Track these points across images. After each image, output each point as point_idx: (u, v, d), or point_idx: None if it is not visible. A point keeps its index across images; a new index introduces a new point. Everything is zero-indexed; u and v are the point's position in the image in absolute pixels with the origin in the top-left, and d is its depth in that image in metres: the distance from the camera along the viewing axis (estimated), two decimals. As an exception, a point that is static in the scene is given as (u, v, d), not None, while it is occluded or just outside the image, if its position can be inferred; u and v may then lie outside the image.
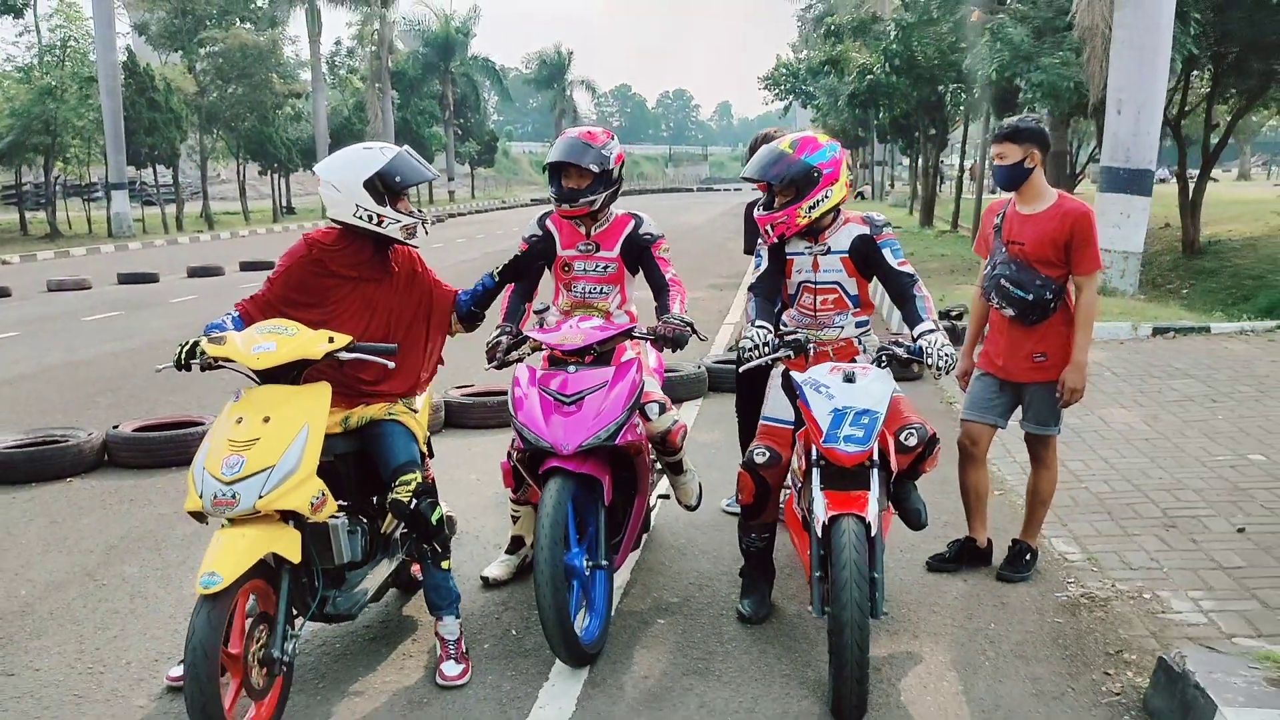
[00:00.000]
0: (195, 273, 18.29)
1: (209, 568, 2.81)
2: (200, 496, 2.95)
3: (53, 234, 28.99)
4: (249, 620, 2.97)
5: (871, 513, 3.17)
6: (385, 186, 3.41)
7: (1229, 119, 19.32)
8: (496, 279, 3.78)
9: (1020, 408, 4.25)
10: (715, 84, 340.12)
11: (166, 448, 5.96)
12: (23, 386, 8.55)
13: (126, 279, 17.40)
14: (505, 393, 6.72)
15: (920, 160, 30.93)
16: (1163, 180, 28.22)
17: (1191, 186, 17.81)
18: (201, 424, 6.23)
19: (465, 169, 60.04)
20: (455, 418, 6.81)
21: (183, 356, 3.26)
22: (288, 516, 3.05)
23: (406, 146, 3.66)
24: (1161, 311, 10.89)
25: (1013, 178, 4.04)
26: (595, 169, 3.88)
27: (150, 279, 17.45)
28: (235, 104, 35.43)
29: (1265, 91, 16.91)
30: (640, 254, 4.10)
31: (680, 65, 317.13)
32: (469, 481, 5.61)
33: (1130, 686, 3.31)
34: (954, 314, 9.23)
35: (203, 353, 3.22)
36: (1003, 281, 4.08)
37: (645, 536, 4.54)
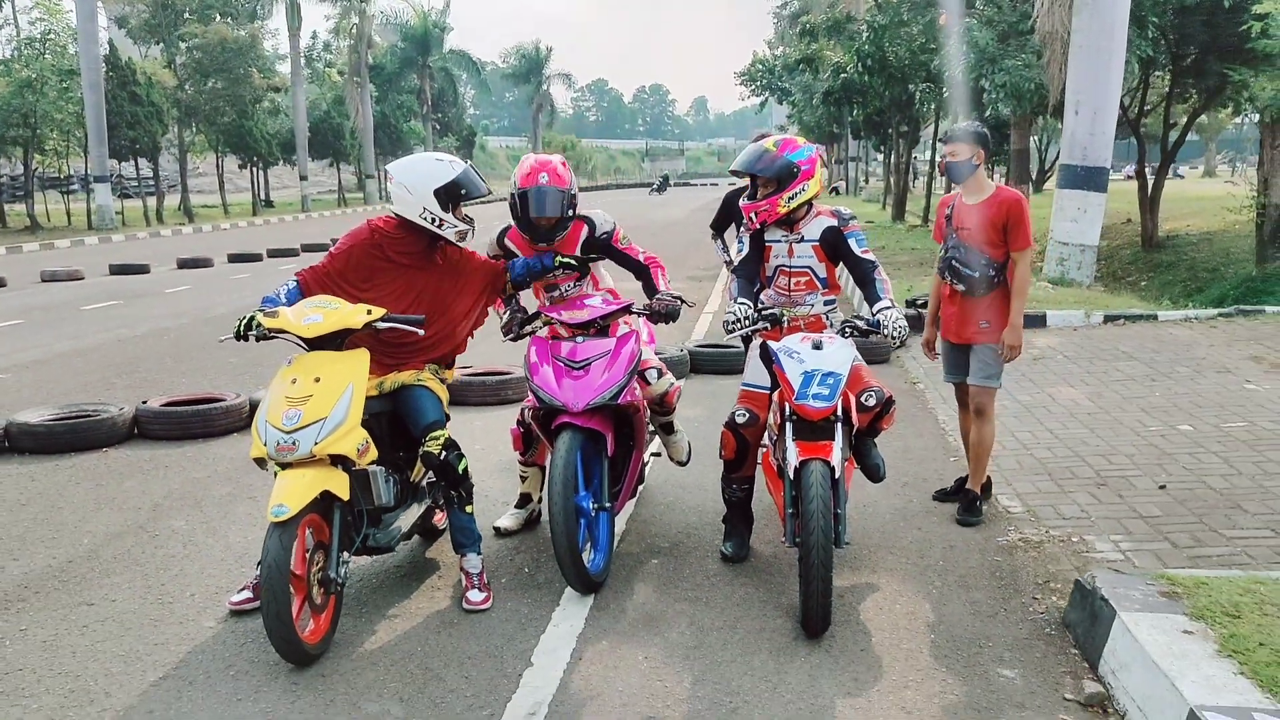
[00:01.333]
0: (185, 264, 18.67)
1: (277, 501, 3.34)
2: (265, 444, 3.48)
3: (33, 226, 29.14)
4: (309, 550, 3.51)
5: (836, 458, 3.75)
6: (450, 196, 3.95)
7: (1186, 118, 20.10)
8: (555, 265, 4.24)
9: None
10: (691, 79, 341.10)
11: (194, 421, 6.47)
12: (38, 370, 8.96)
13: (118, 270, 17.74)
14: (499, 374, 7.35)
15: (893, 156, 31.58)
16: (1129, 178, 28.99)
17: (1151, 183, 18.56)
18: (223, 400, 6.72)
19: (444, 163, 60.19)
20: (456, 396, 7.27)
21: (241, 328, 3.78)
22: (337, 461, 3.59)
23: (470, 162, 4.20)
24: (1114, 300, 11.55)
25: (962, 172, 4.70)
26: (569, 213, 4.27)
27: (142, 270, 17.79)
28: (215, 98, 35.59)
29: (1222, 91, 17.66)
30: (604, 251, 4.47)
31: (657, 60, 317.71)
32: (474, 451, 6.08)
33: (1053, 607, 3.91)
34: (919, 303, 9.84)
35: (259, 325, 3.74)
36: (953, 262, 4.81)
37: (640, 489, 5.10)
